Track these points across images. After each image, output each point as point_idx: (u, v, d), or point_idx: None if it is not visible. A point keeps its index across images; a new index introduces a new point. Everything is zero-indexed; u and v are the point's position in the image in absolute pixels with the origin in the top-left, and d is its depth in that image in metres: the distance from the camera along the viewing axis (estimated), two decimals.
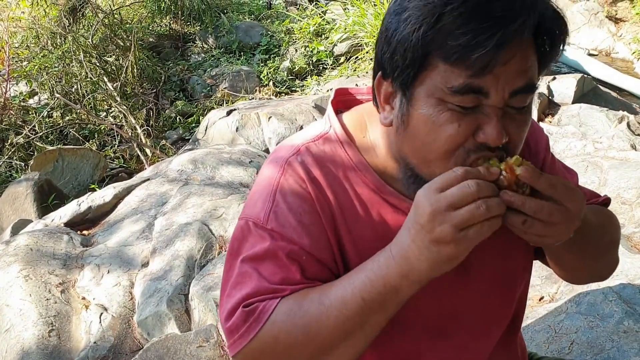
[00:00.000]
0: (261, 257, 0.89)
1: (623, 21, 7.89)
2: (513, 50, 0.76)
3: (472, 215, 0.74)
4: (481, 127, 0.81)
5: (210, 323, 2.41)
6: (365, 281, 0.81)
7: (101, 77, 6.44)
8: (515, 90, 0.80)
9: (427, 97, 0.82)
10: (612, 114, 4.19)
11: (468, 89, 0.78)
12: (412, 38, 0.79)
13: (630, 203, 2.90)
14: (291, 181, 0.92)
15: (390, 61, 0.84)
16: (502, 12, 0.74)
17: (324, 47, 6.96)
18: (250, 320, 0.86)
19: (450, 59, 0.77)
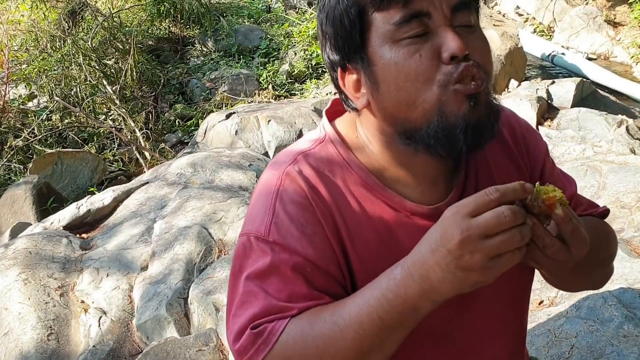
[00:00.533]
0: (265, 273, 0.87)
1: (622, 25, 7.91)
2: None
3: (505, 244, 0.72)
4: (441, 48, 0.82)
5: (210, 327, 2.41)
6: (381, 300, 0.78)
7: (100, 80, 6.44)
8: (454, 6, 0.83)
9: (380, 46, 0.84)
10: (611, 117, 4.19)
11: (409, 16, 0.81)
12: (340, 7, 0.85)
13: (629, 207, 2.90)
14: (290, 191, 0.91)
15: (337, 48, 0.88)
16: None
17: None
18: (258, 342, 0.84)
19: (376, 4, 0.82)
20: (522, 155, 1.04)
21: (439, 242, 0.74)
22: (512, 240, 0.72)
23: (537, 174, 1.06)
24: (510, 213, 0.71)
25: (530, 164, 1.05)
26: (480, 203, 0.73)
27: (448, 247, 0.73)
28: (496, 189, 0.73)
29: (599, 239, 1.03)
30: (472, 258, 0.71)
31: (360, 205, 0.93)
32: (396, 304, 0.78)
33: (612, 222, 2.83)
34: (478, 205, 0.73)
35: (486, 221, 0.71)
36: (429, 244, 0.76)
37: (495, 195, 0.73)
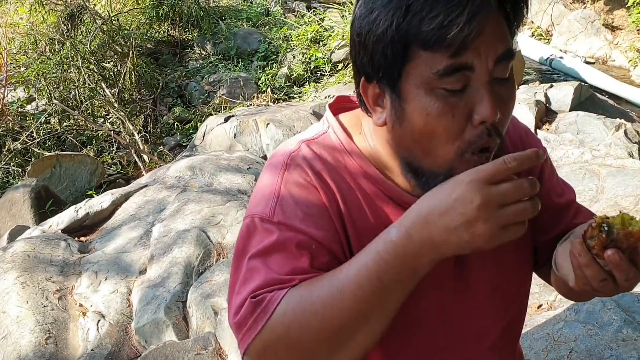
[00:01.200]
0: (269, 250, 0.87)
1: (619, 29, 7.93)
2: (484, 18, 0.78)
3: (518, 215, 0.73)
4: (474, 108, 0.81)
5: (208, 330, 2.41)
6: (380, 262, 0.78)
7: (99, 83, 6.45)
8: (499, 57, 0.81)
9: (416, 89, 0.82)
10: (609, 121, 4.20)
11: (453, 69, 0.79)
12: (387, 35, 0.80)
13: (627, 211, 2.91)
14: (295, 175, 0.92)
15: (371, 63, 0.85)
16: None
17: (321, 54, 6.99)
18: (257, 311, 0.83)
19: (428, 44, 0.78)
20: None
21: (453, 205, 0.74)
22: (525, 212, 0.73)
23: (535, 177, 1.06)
24: (528, 185, 0.73)
25: (528, 169, 1.06)
26: (499, 170, 0.73)
27: (463, 210, 0.73)
28: (514, 157, 0.73)
29: None
30: (485, 225, 0.72)
31: (361, 193, 0.94)
32: (395, 265, 0.78)
33: None
34: (497, 172, 0.73)
35: (507, 190, 0.72)
36: (437, 206, 0.76)
37: (513, 163, 0.73)
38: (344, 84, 6.16)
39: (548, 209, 1.06)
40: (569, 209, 1.08)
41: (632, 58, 7.39)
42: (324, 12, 7.98)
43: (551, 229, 1.07)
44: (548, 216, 1.06)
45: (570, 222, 1.07)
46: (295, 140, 0.99)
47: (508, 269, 1.04)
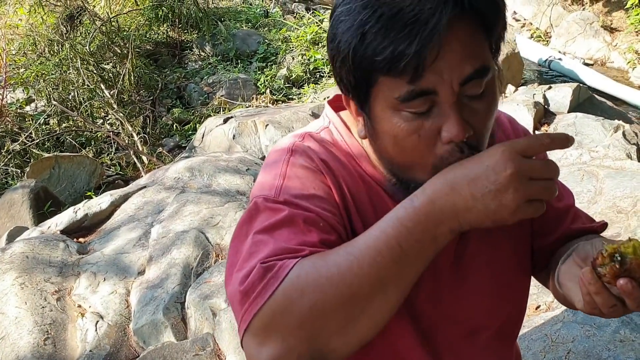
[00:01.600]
0: (276, 226, 0.84)
1: (618, 31, 7.94)
2: (437, 45, 0.76)
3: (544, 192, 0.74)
4: (441, 127, 0.80)
5: (207, 332, 2.41)
6: (400, 229, 0.76)
7: (98, 85, 6.45)
8: (465, 79, 0.79)
9: (382, 111, 0.82)
10: (607, 123, 4.21)
11: (414, 94, 0.78)
12: (347, 62, 0.80)
13: (626, 212, 2.91)
14: (301, 160, 0.92)
15: (342, 82, 0.86)
16: (414, 16, 0.75)
17: (321, 56, 6.99)
18: (267, 276, 0.77)
19: (384, 71, 0.78)
20: None
21: (485, 172, 0.74)
22: (550, 190, 0.74)
23: None
24: (556, 166, 0.75)
25: None
26: (533, 145, 0.75)
27: (496, 178, 0.73)
28: (547, 135, 0.76)
29: None
30: (515, 194, 0.72)
31: (363, 184, 0.94)
32: (416, 232, 0.76)
33: (609, 227, 2.82)
34: (530, 147, 0.75)
35: (538, 165, 0.74)
36: (467, 174, 0.75)
37: (546, 141, 0.75)
38: None
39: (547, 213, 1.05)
40: (567, 213, 1.08)
41: (630, 60, 7.40)
42: (323, 14, 7.99)
43: (550, 233, 1.07)
44: (547, 220, 1.06)
45: (569, 227, 1.07)
46: (297, 133, 0.99)
47: (506, 269, 1.04)
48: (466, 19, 0.78)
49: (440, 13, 0.75)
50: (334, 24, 0.83)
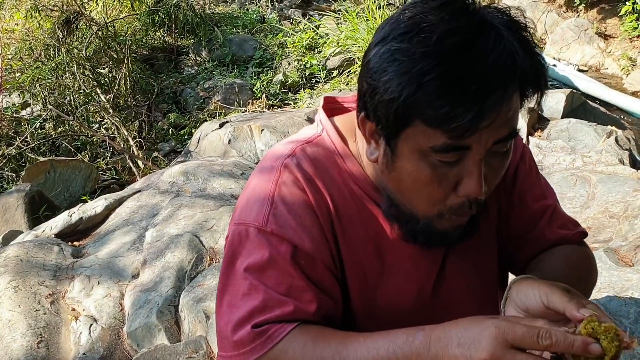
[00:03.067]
0: (264, 266, 0.89)
1: (612, 37, 7.99)
2: (494, 116, 0.77)
3: None
4: (461, 181, 0.82)
5: (200, 334, 2.41)
6: (390, 354, 0.80)
7: (94, 89, 6.45)
8: (498, 140, 0.81)
9: (410, 152, 0.82)
10: (600, 128, 4.23)
11: (450, 148, 0.79)
12: (393, 104, 0.79)
13: (617, 217, 2.93)
14: (289, 183, 0.93)
15: (374, 112, 0.84)
16: (480, 85, 0.74)
17: (317, 61, 7.02)
18: (257, 342, 0.85)
19: (430, 124, 0.78)
20: None
21: (469, 344, 0.74)
22: None
23: (508, 177, 1.05)
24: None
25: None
26: (527, 342, 0.72)
27: (472, 354, 0.74)
28: (549, 335, 0.71)
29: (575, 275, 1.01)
30: None
31: (352, 200, 0.95)
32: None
33: (601, 231, 2.85)
34: (524, 342, 0.72)
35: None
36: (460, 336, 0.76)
37: (545, 342, 0.71)
38: (338, 90, 6.19)
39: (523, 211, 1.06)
40: (543, 213, 1.07)
41: (624, 66, 7.44)
42: (320, 20, 8.02)
43: (523, 234, 1.07)
44: (522, 219, 1.06)
45: (542, 229, 1.06)
46: (289, 142, 1.00)
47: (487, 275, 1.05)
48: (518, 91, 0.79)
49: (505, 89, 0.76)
50: (385, 56, 0.79)
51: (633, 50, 7.57)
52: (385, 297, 0.97)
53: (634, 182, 3.18)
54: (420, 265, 0.98)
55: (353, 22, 6.77)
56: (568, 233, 1.08)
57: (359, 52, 6.50)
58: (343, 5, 8.09)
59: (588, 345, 0.70)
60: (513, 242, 1.08)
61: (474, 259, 1.01)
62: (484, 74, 0.74)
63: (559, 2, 8.79)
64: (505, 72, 0.75)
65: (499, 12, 0.80)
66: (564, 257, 1.03)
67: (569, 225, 1.10)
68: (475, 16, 0.77)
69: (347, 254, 0.94)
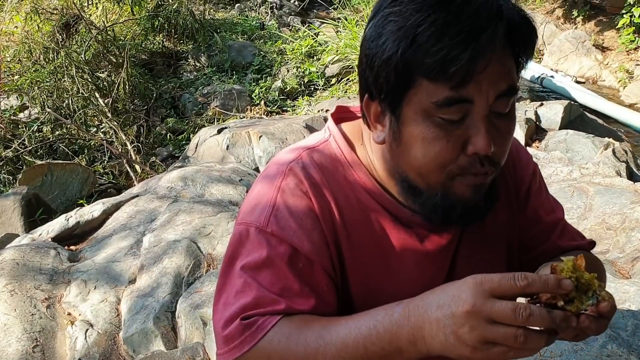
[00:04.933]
0: (260, 266, 0.89)
1: (610, 50, 8.05)
2: (488, 57, 0.79)
3: (504, 339, 0.71)
4: (470, 139, 0.83)
5: (197, 341, 2.41)
6: (372, 331, 0.80)
7: (93, 93, 6.45)
8: (499, 94, 0.82)
9: (415, 114, 0.84)
10: (598, 140, 4.25)
11: (452, 101, 0.80)
12: (392, 61, 0.81)
13: (615, 229, 2.94)
14: (292, 185, 0.94)
15: (375, 84, 0.86)
16: (470, 25, 0.77)
17: (315, 68, 7.04)
18: (246, 333, 0.86)
19: (430, 74, 0.80)
20: (510, 173, 1.07)
21: (449, 301, 0.74)
22: (512, 339, 0.71)
23: (522, 194, 1.08)
24: (527, 314, 0.70)
25: (517, 183, 1.08)
26: (504, 286, 0.72)
27: (454, 310, 0.73)
28: (525, 277, 0.71)
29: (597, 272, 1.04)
30: (470, 333, 0.72)
31: (359, 205, 0.95)
32: (383, 339, 0.79)
33: (598, 243, 2.86)
34: (501, 287, 0.72)
35: (500, 310, 0.71)
36: (438, 298, 0.76)
37: (522, 283, 0.71)
38: (337, 98, 6.21)
39: (537, 225, 1.08)
40: (555, 227, 1.10)
41: (621, 78, 7.49)
42: (319, 27, 8.04)
43: (537, 246, 1.08)
44: (536, 232, 1.08)
45: (555, 241, 1.08)
46: (295, 148, 1.00)
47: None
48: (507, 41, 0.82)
49: (495, 27, 0.79)
50: (379, 22, 0.84)
51: (630, 63, 7.62)
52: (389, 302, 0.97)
53: (631, 194, 3.19)
54: (427, 271, 0.98)
55: (352, 31, 6.80)
56: (580, 243, 1.11)
57: (357, 60, 6.52)
58: (342, 13, 8.13)
59: (560, 281, 0.71)
60: (528, 253, 1.09)
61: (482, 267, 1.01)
62: (474, 15, 0.78)
63: (557, 14, 8.85)
64: (493, 12, 0.79)
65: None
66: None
67: (577, 237, 1.13)
68: None
69: (351, 259, 0.94)
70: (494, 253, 1.04)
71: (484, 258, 1.02)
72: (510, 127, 0.88)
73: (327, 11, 9.52)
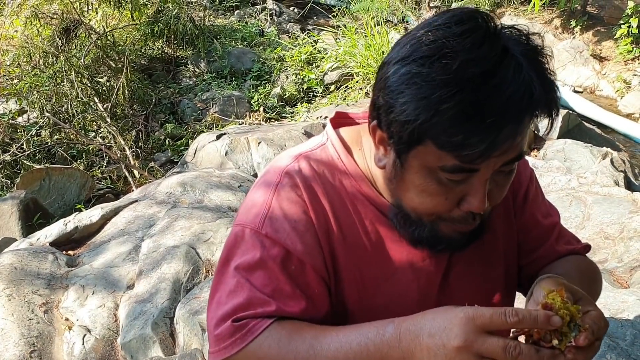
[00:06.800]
0: (254, 267, 0.91)
1: (607, 60, 8.08)
2: (506, 146, 0.78)
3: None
4: (466, 197, 0.85)
5: (195, 347, 2.40)
6: (362, 348, 0.81)
7: (92, 98, 6.45)
8: (506, 163, 0.83)
9: (419, 167, 0.84)
10: (596, 150, 4.27)
11: (459, 169, 0.81)
12: (409, 125, 0.80)
13: (613, 238, 2.95)
14: (287, 189, 0.95)
15: (387, 127, 0.85)
16: (495, 117, 0.75)
17: (314, 75, 7.05)
18: (237, 335, 0.88)
19: (442, 149, 0.79)
20: None
21: (441, 333, 0.75)
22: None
23: (520, 198, 1.09)
24: (515, 354, 0.72)
25: (514, 187, 1.09)
26: (495, 322, 0.73)
27: (445, 342, 0.74)
28: (515, 313, 0.73)
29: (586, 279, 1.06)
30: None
31: (355, 209, 0.97)
32: (374, 358, 0.81)
33: (596, 252, 2.87)
34: (493, 324, 0.73)
35: (491, 348, 0.72)
36: (430, 326, 0.77)
37: (512, 319, 0.73)
38: (335, 105, 6.21)
39: (534, 228, 1.10)
40: (552, 230, 1.12)
41: (619, 88, 7.52)
42: (318, 35, 8.07)
43: (534, 249, 1.10)
44: (533, 236, 1.10)
45: (552, 245, 1.10)
46: (293, 154, 1.02)
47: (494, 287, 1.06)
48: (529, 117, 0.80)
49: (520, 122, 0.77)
50: (404, 78, 0.80)
51: (628, 73, 7.65)
52: (385, 304, 0.98)
53: (629, 204, 3.20)
54: (422, 273, 0.99)
55: (352, 38, 6.81)
56: (575, 247, 1.13)
57: (357, 67, 6.54)
58: (341, 21, 8.15)
59: (550, 319, 0.73)
60: (526, 257, 1.10)
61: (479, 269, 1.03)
62: (501, 107, 0.75)
63: (555, 24, 8.89)
64: (522, 105, 0.77)
65: (519, 36, 0.82)
66: (574, 264, 1.08)
67: (573, 241, 1.15)
68: (497, 44, 0.78)
69: (345, 261, 0.95)
70: (491, 255, 1.05)
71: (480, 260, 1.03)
72: (508, 181, 0.89)
73: (327, 19, 9.55)
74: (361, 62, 6.47)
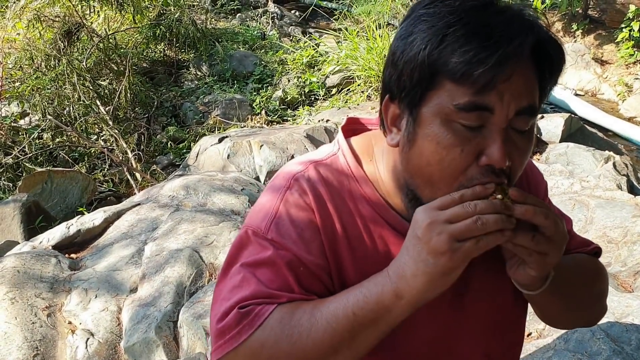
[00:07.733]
0: (260, 264, 0.90)
1: (609, 63, 8.09)
2: (514, 67, 0.80)
3: (468, 228, 0.77)
4: (484, 150, 0.82)
5: (199, 351, 2.40)
6: (359, 298, 0.83)
7: (94, 101, 6.46)
8: (519, 110, 0.82)
9: (433, 116, 0.83)
10: (598, 153, 4.27)
11: (473, 106, 0.80)
12: (418, 58, 0.82)
13: (616, 242, 2.95)
14: (296, 196, 0.95)
15: (397, 82, 0.87)
16: (501, 32, 0.79)
17: (316, 79, 7.06)
18: (243, 322, 0.86)
19: (455, 75, 0.80)
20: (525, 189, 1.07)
21: (412, 233, 0.81)
22: (474, 225, 0.77)
23: None
24: (473, 204, 0.79)
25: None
26: (446, 200, 0.81)
27: (418, 233, 0.79)
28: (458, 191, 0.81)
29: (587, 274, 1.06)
30: (439, 237, 0.77)
31: (363, 220, 0.96)
32: (371, 302, 0.82)
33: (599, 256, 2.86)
34: (444, 202, 0.80)
35: (452, 211, 0.79)
36: (404, 248, 0.83)
37: (457, 195, 0.81)
38: (337, 108, 6.22)
39: None
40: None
41: (620, 92, 7.52)
42: (320, 38, 8.08)
43: None
44: None
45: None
46: (303, 160, 1.02)
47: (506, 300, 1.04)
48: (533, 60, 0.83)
49: (525, 37, 0.80)
50: (411, 22, 0.85)
51: (629, 77, 7.66)
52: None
53: (632, 207, 3.20)
54: None
55: (353, 41, 6.82)
56: (585, 248, 1.14)
57: (358, 70, 6.55)
58: (343, 24, 8.16)
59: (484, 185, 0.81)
60: None
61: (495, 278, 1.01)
62: (506, 23, 0.80)
63: (556, 27, 8.90)
64: (525, 25, 0.82)
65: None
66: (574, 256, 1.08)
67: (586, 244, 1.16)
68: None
69: (353, 274, 0.94)
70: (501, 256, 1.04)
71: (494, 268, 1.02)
72: (527, 145, 0.87)
73: (328, 22, 9.55)
74: (363, 65, 6.47)
